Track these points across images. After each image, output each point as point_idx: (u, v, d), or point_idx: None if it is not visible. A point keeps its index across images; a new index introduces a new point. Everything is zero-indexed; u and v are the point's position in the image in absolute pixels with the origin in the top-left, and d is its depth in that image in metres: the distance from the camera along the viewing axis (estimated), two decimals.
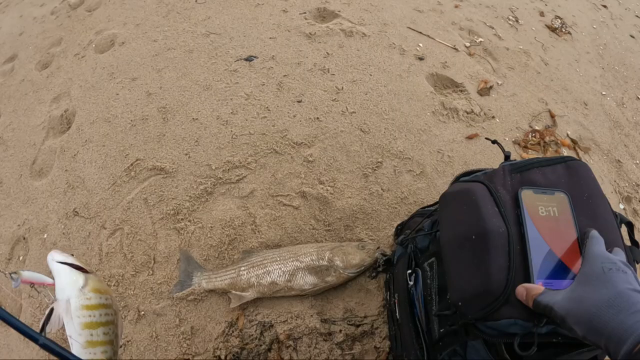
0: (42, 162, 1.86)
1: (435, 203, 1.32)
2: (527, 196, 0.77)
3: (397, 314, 1.08)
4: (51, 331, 0.65)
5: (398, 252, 1.17)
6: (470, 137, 1.72)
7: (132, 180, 1.64)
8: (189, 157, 1.64)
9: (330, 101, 1.74)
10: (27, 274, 0.70)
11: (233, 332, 1.27)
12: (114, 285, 1.43)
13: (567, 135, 2.03)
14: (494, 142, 1.31)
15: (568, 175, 0.86)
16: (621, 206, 1.91)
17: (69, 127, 1.93)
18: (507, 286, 0.68)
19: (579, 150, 2.01)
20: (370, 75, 1.86)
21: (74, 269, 0.70)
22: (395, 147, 1.60)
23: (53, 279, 0.70)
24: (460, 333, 0.90)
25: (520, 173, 0.85)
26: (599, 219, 0.79)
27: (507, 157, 1.28)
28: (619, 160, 2.09)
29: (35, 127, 1.99)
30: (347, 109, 1.71)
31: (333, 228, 1.40)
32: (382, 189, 1.48)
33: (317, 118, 1.67)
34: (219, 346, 1.25)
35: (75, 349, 0.66)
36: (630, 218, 1.88)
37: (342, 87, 1.80)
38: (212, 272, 1.35)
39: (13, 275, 0.68)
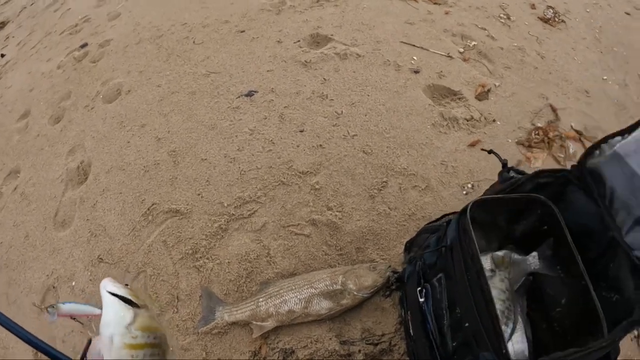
0: (64, 213, 1.96)
1: (440, 217, 1.34)
2: None
3: (411, 329, 1.11)
4: None
5: (408, 269, 1.20)
6: (472, 144, 1.74)
7: (150, 224, 1.71)
8: (201, 197, 1.71)
9: (331, 127, 1.79)
10: (66, 308, 0.66)
11: None
12: None
13: (572, 127, 2.03)
14: (489, 152, 1.34)
15: None
16: None
17: (86, 178, 2.02)
18: None
19: (585, 141, 2.00)
20: (368, 95, 1.91)
21: (123, 304, 0.64)
22: (398, 165, 1.63)
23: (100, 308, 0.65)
24: (472, 345, 0.93)
25: None
26: None
27: (504, 165, 1.31)
28: None
29: (54, 180, 2.10)
30: (348, 132, 1.76)
31: (345, 252, 1.43)
32: (389, 208, 1.51)
33: (320, 145, 1.72)
34: None
35: None
36: None
37: (342, 112, 1.84)
38: (233, 306, 1.40)
39: (50, 309, 0.64)
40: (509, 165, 1.25)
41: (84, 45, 2.86)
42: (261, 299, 1.36)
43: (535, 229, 1.20)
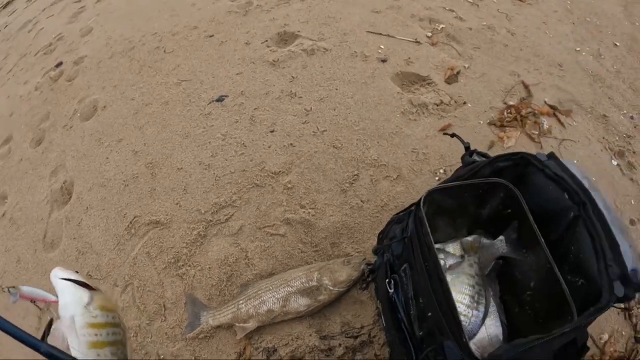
0: (52, 234, 1.99)
1: (407, 208, 1.36)
2: None
3: (384, 321, 1.13)
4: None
5: (378, 261, 1.22)
6: (443, 129, 1.75)
7: (133, 237, 1.74)
8: (180, 206, 1.73)
9: (301, 124, 1.80)
10: (27, 289, 0.66)
11: None
12: (133, 335, 1.54)
13: (545, 102, 2.03)
14: (452, 135, 1.35)
15: None
16: (614, 162, 1.90)
17: (70, 198, 2.05)
18: None
19: (559, 116, 2.00)
20: (336, 89, 1.92)
21: (78, 286, 0.66)
22: (369, 157, 1.65)
23: (57, 296, 0.66)
24: (436, 334, 0.96)
25: None
26: None
27: (466, 148, 1.32)
28: (604, 115, 2.07)
29: (40, 202, 2.13)
30: (318, 128, 1.77)
31: (320, 248, 1.46)
32: (361, 201, 1.53)
33: (291, 144, 1.74)
34: None
35: None
36: (627, 172, 1.86)
37: (311, 108, 1.86)
38: (216, 310, 1.43)
39: (11, 289, 0.64)
40: (479, 149, 1.26)
41: (59, 65, 2.87)
42: (241, 302, 1.39)
43: (500, 212, 1.22)
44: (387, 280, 1.13)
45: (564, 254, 1.06)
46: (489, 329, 1.12)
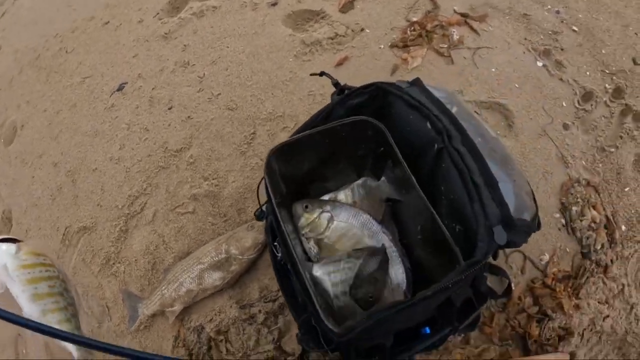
0: None
1: None
2: None
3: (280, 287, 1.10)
4: None
5: (265, 226, 1.18)
6: (340, 63, 1.66)
7: (69, 248, 1.75)
8: (101, 206, 1.72)
9: (196, 94, 1.73)
10: None
11: (179, 343, 1.38)
12: None
13: (455, 11, 1.87)
14: (321, 74, 1.26)
15: None
16: (539, 63, 1.75)
17: (12, 225, 2.06)
18: None
19: (472, 23, 1.84)
20: (228, 47, 1.82)
21: (5, 242, 0.75)
22: (264, 111, 1.58)
23: None
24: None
25: None
26: None
27: (335, 85, 1.23)
28: (525, 14, 1.89)
29: None
30: (212, 94, 1.70)
31: (229, 217, 1.44)
32: (261, 159, 1.49)
33: (189, 117, 1.68)
34: None
35: (25, 310, 0.71)
36: (555, 72, 1.73)
37: (204, 74, 1.77)
38: (147, 299, 1.45)
39: None
40: (381, 76, 1.17)
41: None
42: (164, 287, 1.40)
43: (375, 152, 1.14)
44: (274, 243, 1.08)
45: (437, 195, 0.96)
46: (392, 278, 1.04)
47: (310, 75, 1.19)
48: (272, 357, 1.22)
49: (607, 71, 1.70)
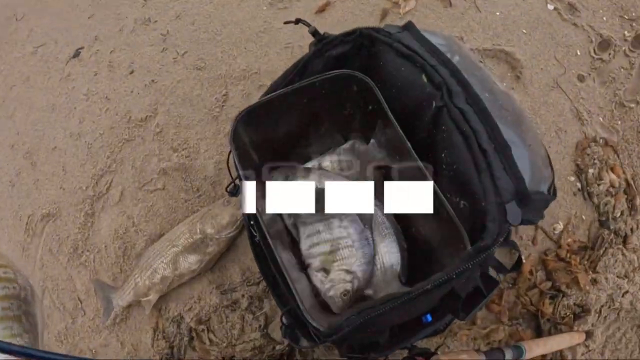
0: None
1: None
2: None
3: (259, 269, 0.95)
4: None
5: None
6: (321, 10, 1.43)
7: (33, 239, 1.58)
8: (64, 189, 1.54)
9: (159, 54, 1.51)
10: None
11: (158, 335, 1.24)
12: (63, 338, 1.44)
13: None
14: (297, 22, 1.07)
15: None
16: (550, 7, 1.52)
17: None
18: None
19: None
20: None
21: None
22: (237, 68, 1.37)
23: None
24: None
25: None
26: None
27: (313, 34, 1.04)
28: None
29: None
30: (177, 52, 1.48)
31: (203, 191, 1.26)
32: None
33: (153, 81, 1.47)
34: (153, 354, 1.23)
35: None
36: (568, 16, 1.50)
37: (167, 31, 1.54)
38: (121, 289, 1.31)
39: None
40: (370, 22, 1.00)
41: None
42: (137, 275, 1.25)
43: (364, 110, 0.97)
44: (250, 222, 0.91)
45: (437, 163, 0.80)
46: (384, 257, 0.90)
47: (284, 23, 0.99)
48: (260, 345, 1.08)
49: (627, 17, 1.49)
